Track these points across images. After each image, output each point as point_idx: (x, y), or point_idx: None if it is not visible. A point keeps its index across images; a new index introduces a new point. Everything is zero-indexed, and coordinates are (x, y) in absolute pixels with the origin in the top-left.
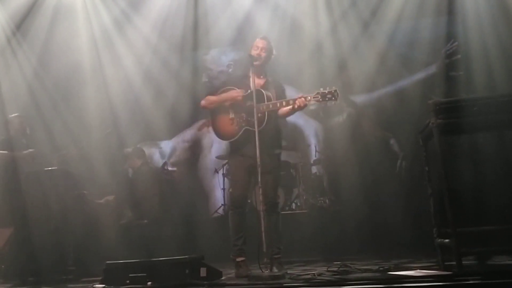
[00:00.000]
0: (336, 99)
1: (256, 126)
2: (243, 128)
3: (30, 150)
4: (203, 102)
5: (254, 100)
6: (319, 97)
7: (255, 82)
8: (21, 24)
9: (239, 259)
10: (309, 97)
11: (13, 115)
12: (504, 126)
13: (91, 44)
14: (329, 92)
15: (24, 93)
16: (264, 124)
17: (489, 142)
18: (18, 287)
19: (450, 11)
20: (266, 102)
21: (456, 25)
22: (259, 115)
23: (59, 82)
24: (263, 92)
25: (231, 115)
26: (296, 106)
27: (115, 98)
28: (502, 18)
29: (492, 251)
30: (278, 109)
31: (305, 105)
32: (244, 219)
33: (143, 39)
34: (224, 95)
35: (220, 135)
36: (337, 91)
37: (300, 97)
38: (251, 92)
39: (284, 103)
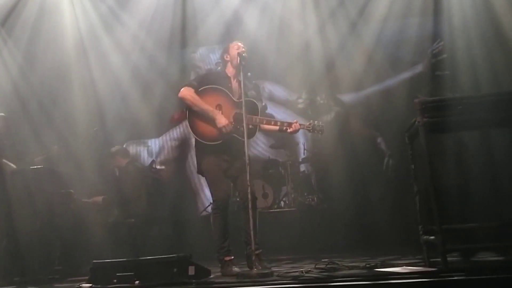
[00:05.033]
0: (322, 134)
1: (246, 136)
2: (231, 135)
3: (11, 164)
4: (185, 95)
5: (243, 106)
6: (311, 128)
7: (232, 84)
8: (6, 21)
9: (228, 258)
10: (302, 126)
11: None
12: (488, 125)
13: (77, 41)
14: (318, 126)
15: (9, 91)
16: (253, 136)
17: (474, 141)
18: (4, 287)
19: (436, 11)
20: (259, 116)
21: (442, 25)
22: (250, 126)
23: (45, 79)
24: (257, 104)
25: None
26: (290, 130)
27: (102, 96)
28: (487, 18)
29: (477, 248)
30: (267, 124)
31: (296, 132)
32: (227, 220)
33: (130, 37)
34: (211, 113)
35: (199, 134)
36: (324, 127)
37: (295, 123)
38: (243, 100)
39: (278, 123)
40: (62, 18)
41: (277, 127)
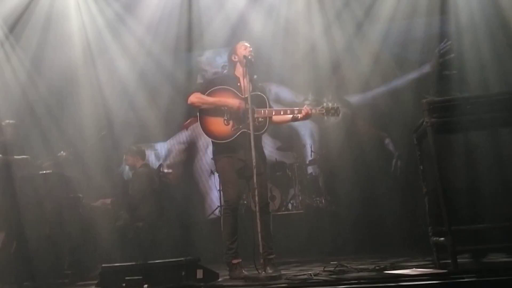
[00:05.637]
0: (338, 116)
1: (252, 130)
2: (241, 131)
3: (24, 156)
4: (193, 100)
5: (250, 103)
6: (324, 111)
7: (242, 83)
8: (15, 27)
9: (235, 261)
10: (314, 110)
11: (7, 122)
12: (497, 124)
13: (85, 47)
14: (333, 108)
15: (18, 97)
16: (264, 129)
17: (482, 141)
18: None
19: (443, 10)
20: (268, 108)
21: (449, 24)
22: (260, 119)
23: (53, 85)
24: (265, 97)
25: (227, 116)
26: (300, 116)
27: (110, 100)
28: (495, 17)
29: (487, 248)
30: (277, 115)
31: (308, 117)
32: (237, 221)
33: (137, 41)
34: (222, 100)
35: (211, 134)
36: (339, 108)
37: (305, 109)
38: (250, 95)
39: (288, 111)
40: (70, 24)
41: (289, 116)
